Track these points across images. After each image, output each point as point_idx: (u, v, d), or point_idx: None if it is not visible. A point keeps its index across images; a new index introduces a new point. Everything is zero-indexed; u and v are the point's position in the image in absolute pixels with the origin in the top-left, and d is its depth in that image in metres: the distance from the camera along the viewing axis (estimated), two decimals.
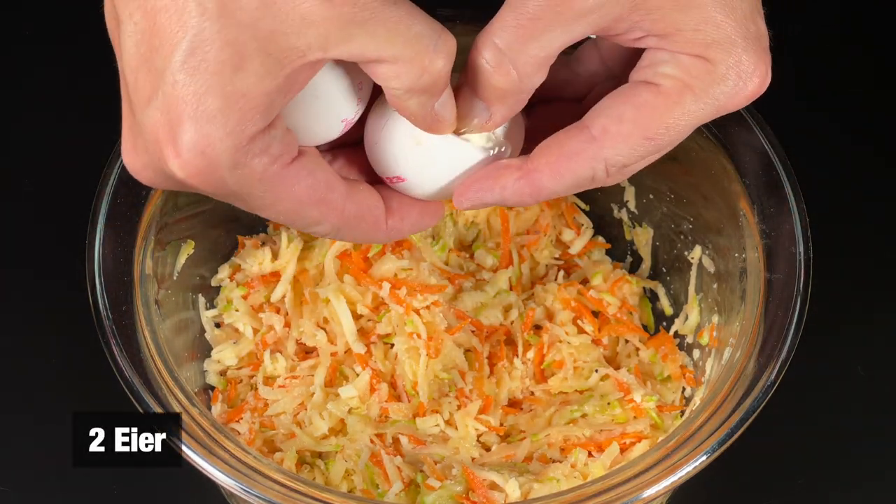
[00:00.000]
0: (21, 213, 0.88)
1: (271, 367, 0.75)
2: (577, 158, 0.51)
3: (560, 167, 0.51)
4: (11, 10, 0.97)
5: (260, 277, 0.78)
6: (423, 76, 0.47)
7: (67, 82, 0.91)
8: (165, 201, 0.69)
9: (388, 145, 0.53)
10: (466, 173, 0.53)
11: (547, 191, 0.51)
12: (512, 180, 0.52)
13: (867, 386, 0.81)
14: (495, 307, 0.77)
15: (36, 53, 0.95)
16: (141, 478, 0.77)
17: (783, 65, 0.95)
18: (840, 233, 0.85)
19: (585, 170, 0.51)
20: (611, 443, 0.71)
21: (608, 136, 0.50)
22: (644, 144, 0.50)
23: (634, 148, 0.50)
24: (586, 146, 0.50)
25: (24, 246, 0.86)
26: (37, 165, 0.90)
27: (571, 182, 0.51)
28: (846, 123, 0.93)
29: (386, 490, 0.69)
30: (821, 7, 0.98)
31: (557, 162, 0.51)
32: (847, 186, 0.89)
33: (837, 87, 0.95)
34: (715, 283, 0.75)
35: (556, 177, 0.51)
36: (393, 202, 0.54)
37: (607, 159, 0.50)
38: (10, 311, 0.84)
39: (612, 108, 0.50)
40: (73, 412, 0.66)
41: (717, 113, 0.51)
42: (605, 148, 0.50)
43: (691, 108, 0.50)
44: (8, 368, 0.81)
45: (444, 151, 0.53)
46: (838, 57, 0.96)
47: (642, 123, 0.50)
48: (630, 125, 0.50)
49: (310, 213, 0.50)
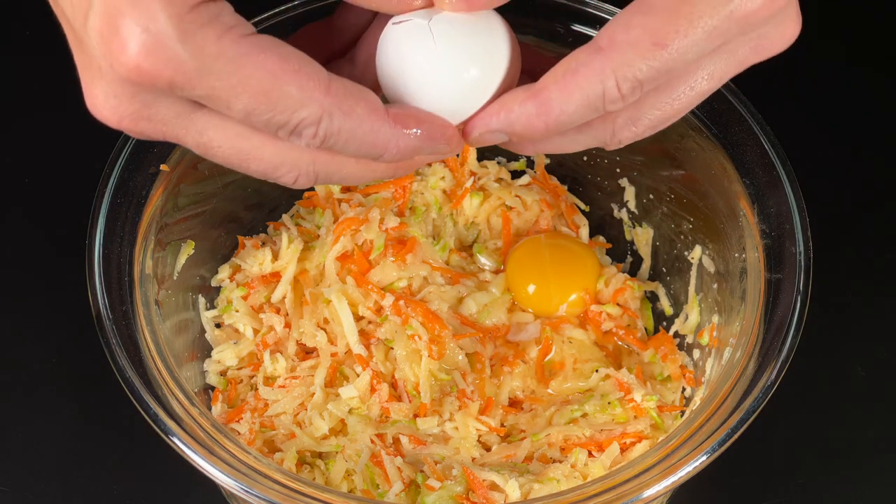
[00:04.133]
0: (21, 212, 0.88)
1: (271, 367, 0.75)
2: (584, 71, 0.47)
3: (567, 82, 0.47)
4: (11, 11, 0.97)
5: (260, 278, 0.78)
6: None
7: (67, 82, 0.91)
8: (165, 201, 0.69)
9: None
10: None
11: (556, 111, 0.48)
12: (517, 103, 0.49)
13: (867, 386, 0.81)
14: (498, 308, 0.77)
15: (36, 53, 0.95)
16: (141, 478, 0.77)
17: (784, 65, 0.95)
18: (840, 233, 0.85)
19: (594, 84, 0.47)
20: (611, 443, 0.71)
21: (615, 45, 0.47)
22: (654, 52, 0.46)
23: (644, 56, 0.46)
24: (593, 57, 0.47)
25: (23, 246, 0.86)
26: (36, 165, 0.90)
27: (580, 99, 0.47)
28: (846, 123, 0.93)
29: (386, 490, 0.69)
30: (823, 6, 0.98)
31: (564, 77, 0.48)
32: (847, 187, 0.89)
33: (838, 86, 0.95)
34: (715, 283, 0.75)
35: (564, 93, 0.48)
36: (393, 108, 0.49)
37: (615, 70, 0.47)
38: (10, 311, 0.84)
39: (620, 17, 0.47)
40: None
41: (737, 29, 0.47)
42: (612, 58, 0.47)
43: (702, 10, 0.46)
44: (8, 368, 0.81)
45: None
46: (840, 56, 0.96)
47: (651, 27, 0.46)
48: (638, 30, 0.46)
49: (289, 90, 0.45)
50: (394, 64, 0.50)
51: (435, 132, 0.49)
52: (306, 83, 0.45)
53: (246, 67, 0.44)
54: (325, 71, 0.46)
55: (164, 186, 0.69)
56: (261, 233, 0.81)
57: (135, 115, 0.46)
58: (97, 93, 0.45)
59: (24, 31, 0.96)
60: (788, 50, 0.51)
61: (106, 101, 0.45)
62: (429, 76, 0.49)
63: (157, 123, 0.46)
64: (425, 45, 0.49)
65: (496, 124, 0.50)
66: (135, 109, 0.45)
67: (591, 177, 0.82)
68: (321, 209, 0.81)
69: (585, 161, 0.82)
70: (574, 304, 0.78)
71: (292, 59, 0.45)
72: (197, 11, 0.43)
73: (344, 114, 0.46)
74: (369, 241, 0.78)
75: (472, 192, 0.82)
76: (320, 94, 0.45)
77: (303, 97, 0.45)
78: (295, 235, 0.79)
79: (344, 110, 0.46)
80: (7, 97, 0.93)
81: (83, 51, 0.45)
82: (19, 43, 0.95)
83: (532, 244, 0.80)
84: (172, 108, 0.46)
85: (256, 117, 0.45)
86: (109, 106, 0.45)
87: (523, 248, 0.80)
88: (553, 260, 0.79)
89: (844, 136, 0.92)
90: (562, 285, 0.78)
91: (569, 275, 0.79)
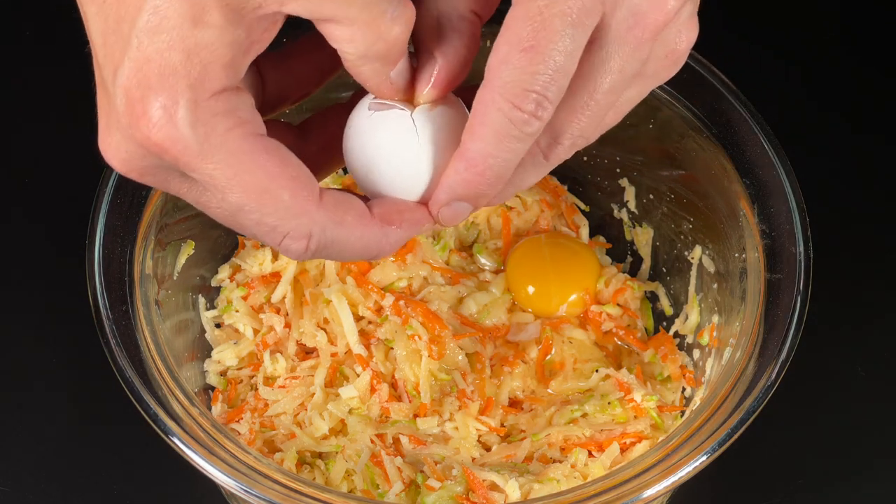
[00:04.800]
0: (21, 212, 0.88)
1: (271, 367, 0.75)
2: (479, 108, 0.47)
3: (473, 127, 0.48)
4: (11, 10, 0.97)
5: (260, 278, 0.78)
6: (377, 42, 0.46)
7: (67, 82, 0.91)
8: (165, 202, 0.69)
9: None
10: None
11: (479, 158, 0.48)
12: (450, 170, 0.49)
13: (867, 386, 0.81)
14: (498, 308, 0.77)
15: (36, 53, 0.95)
16: (141, 478, 0.77)
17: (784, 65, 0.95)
18: (840, 233, 0.85)
19: (494, 115, 0.47)
20: (611, 443, 0.71)
21: (492, 70, 0.47)
22: (527, 57, 0.45)
23: (520, 68, 0.46)
24: (482, 92, 0.47)
25: (23, 246, 0.86)
26: (36, 165, 0.90)
27: (491, 135, 0.47)
28: (846, 123, 0.93)
29: (386, 490, 0.69)
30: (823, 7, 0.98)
31: (471, 125, 0.48)
32: (847, 186, 0.89)
33: (838, 86, 0.95)
34: (715, 283, 0.75)
35: (475, 137, 0.47)
36: (374, 207, 0.50)
37: (503, 93, 0.46)
38: (10, 311, 0.84)
39: (494, 46, 0.47)
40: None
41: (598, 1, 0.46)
42: (495, 84, 0.46)
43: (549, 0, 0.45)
44: (8, 368, 0.81)
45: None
46: (840, 56, 0.96)
47: (513, 40, 0.46)
48: (504, 48, 0.46)
49: (282, 195, 0.46)
50: (369, 150, 0.51)
51: (417, 221, 0.51)
52: (300, 192, 0.46)
53: (244, 164, 0.45)
54: (317, 183, 0.47)
55: None
56: None
57: (142, 170, 0.47)
58: (111, 141, 0.47)
59: (24, 31, 0.95)
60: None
61: (118, 151, 0.47)
62: (409, 167, 0.50)
63: (161, 181, 0.48)
64: (408, 137, 0.50)
65: (444, 197, 0.50)
66: (143, 166, 0.47)
67: (591, 177, 0.82)
68: None
69: (585, 161, 0.82)
70: (574, 305, 0.78)
71: (291, 166, 0.46)
72: (216, 99, 0.45)
73: (335, 224, 0.48)
74: None
75: None
76: (312, 206, 0.47)
77: (294, 206, 0.46)
78: None
79: (335, 221, 0.48)
80: (7, 97, 0.93)
81: (107, 97, 0.47)
82: (19, 43, 0.95)
83: (532, 244, 0.80)
84: (177, 172, 0.47)
85: (246, 215, 0.46)
86: (120, 157, 0.47)
87: (523, 248, 0.80)
88: (553, 260, 0.79)
89: (844, 136, 0.92)
90: (562, 285, 0.78)
91: (569, 275, 0.79)
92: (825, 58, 0.96)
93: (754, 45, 0.96)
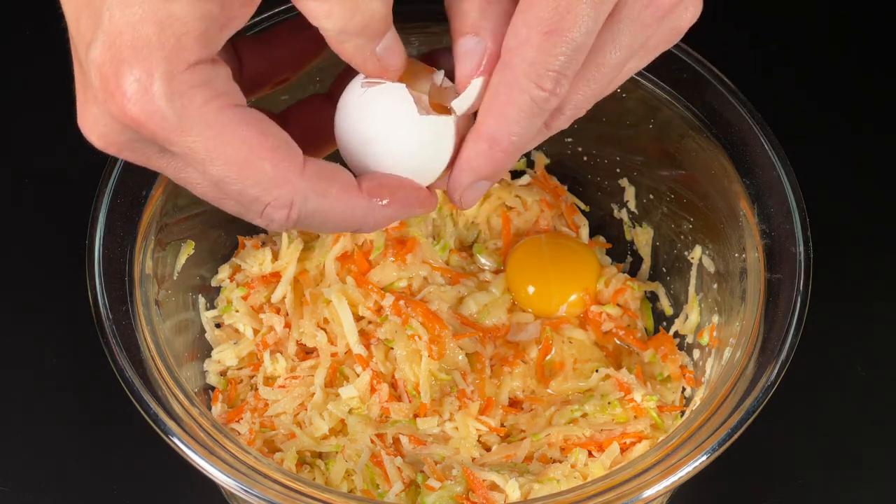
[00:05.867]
0: (21, 212, 0.88)
1: (271, 367, 0.75)
2: (504, 91, 0.48)
3: (496, 108, 0.48)
4: (11, 10, 0.97)
5: (260, 278, 0.78)
6: (355, 16, 0.45)
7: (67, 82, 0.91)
8: (165, 202, 0.69)
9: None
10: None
11: (504, 137, 0.48)
12: (473, 152, 0.49)
13: (867, 386, 0.81)
14: (498, 308, 0.77)
15: (36, 53, 0.95)
16: (141, 478, 0.77)
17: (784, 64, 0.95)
18: (840, 233, 0.85)
19: (518, 96, 0.47)
20: (611, 443, 0.71)
21: (513, 52, 0.47)
22: (548, 41, 0.46)
23: (542, 50, 0.46)
24: (503, 74, 0.48)
25: (23, 246, 0.86)
26: (36, 165, 0.90)
27: (518, 115, 0.48)
28: (846, 123, 0.93)
29: (386, 490, 0.69)
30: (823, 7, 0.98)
31: (490, 105, 0.48)
32: (847, 186, 0.89)
33: (838, 86, 0.95)
34: (715, 283, 0.75)
35: (500, 119, 0.48)
36: (364, 181, 0.49)
37: (526, 74, 0.47)
38: (10, 311, 0.84)
39: (510, 28, 0.47)
40: None
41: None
42: (516, 67, 0.47)
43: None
44: (8, 368, 0.81)
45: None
46: (840, 56, 0.96)
47: (532, 21, 0.46)
48: (524, 30, 0.47)
49: (263, 165, 0.45)
50: (361, 127, 0.50)
51: (409, 199, 0.50)
52: (281, 162, 0.46)
53: (223, 136, 0.45)
54: (300, 152, 0.46)
55: (164, 186, 0.69)
56: (261, 233, 0.81)
57: (121, 145, 0.47)
58: (89, 115, 0.47)
59: (24, 31, 0.95)
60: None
61: (96, 125, 0.46)
62: (405, 141, 0.49)
63: (141, 155, 0.47)
64: (403, 110, 0.49)
65: (468, 178, 0.50)
66: (121, 141, 0.46)
67: (591, 177, 0.82)
68: None
69: (585, 161, 0.82)
70: (574, 305, 0.78)
71: (272, 136, 0.46)
72: (192, 71, 0.44)
73: (318, 195, 0.47)
74: (369, 241, 0.78)
75: None
76: (294, 176, 0.46)
77: (276, 176, 0.46)
78: (295, 235, 0.79)
79: (318, 192, 0.47)
80: (7, 97, 0.93)
81: (82, 72, 0.46)
82: (19, 43, 0.95)
83: (532, 244, 0.80)
84: (156, 146, 0.46)
85: (228, 186, 0.46)
86: (98, 132, 0.47)
87: (523, 248, 0.80)
88: (553, 260, 0.79)
89: (845, 136, 0.92)
90: (562, 285, 0.78)
91: (569, 275, 0.79)
92: (825, 57, 0.96)
93: (754, 45, 0.96)
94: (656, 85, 0.72)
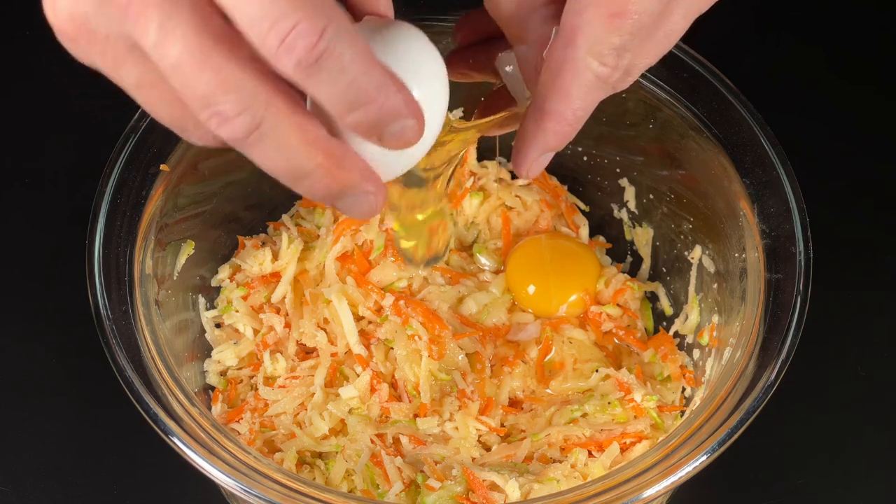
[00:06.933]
0: (21, 212, 0.88)
1: (271, 367, 0.75)
2: (567, 68, 0.48)
3: (560, 87, 0.49)
4: (11, 10, 0.97)
5: (260, 278, 0.78)
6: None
7: (67, 82, 0.91)
8: (165, 201, 0.69)
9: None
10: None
11: (570, 113, 0.50)
12: (538, 130, 0.51)
13: (867, 386, 0.81)
14: (498, 308, 0.77)
15: (35, 53, 0.95)
16: (141, 478, 0.77)
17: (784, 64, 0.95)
18: (840, 233, 0.85)
19: (583, 74, 0.48)
20: (611, 443, 0.71)
21: (577, 31, 0.48)
22: (613, 24, 0.47)
23: (607, 31, 0.47)
24: (566, 52, 0.48)
25: (23, 246, 0.86)
26: (36, 165, 0.90)
27: (582, 91, 0.49)
28: (846, 123, 0.93)
29: (386, 490, 0.69)
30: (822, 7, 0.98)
31: (553, 83, 0.49)
32: (847, 186, 0.89)
33: (838, 86, 0.95)
34: (715, 283, 0.75)
35: (566, 98, 0.49)
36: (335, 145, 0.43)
37: (592, 53, 0.48)
38: (10, 311, 0.84)
39: (570, 3, 0.48)
40: None
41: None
42: (580, 46, 0.48)
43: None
44: (8, 368, 0.81)
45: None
46: (839, 56, 0.96)
47: (598, 1, 0.47)
48: (590, 10, 0.47)
49: (214, 58, 0.40)
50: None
51: (357, 186, 0.45)
52: (232, 55, 0.40)
53: (178, 16, 0.40)
54: (256, 56, 0.41)
55: (164, 186, 0.69)
56: (261, 233, 0.81)
57: (90, 34, 0.42)
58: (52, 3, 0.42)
59: (25, 31, 0.95)
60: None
61: (65, 3, 0.42)
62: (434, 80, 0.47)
63: (110, 55, 0.42)
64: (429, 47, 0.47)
65: (535, 153, 0.52)
66: (91, 28, 0.42)
67: (591, 177, 0.82)
68: (321, 209, 0.81)
69: (585, 161, 0.82)
70: (574, 305, 0.78)
71: (219, 25, 0.40)
72: None
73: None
74: (369, 241, 0.78)
75: (472, 193, 0.82)
76: (251, 75, 0.40)
77: (229, 72, 0.40)
78: (295, 235, 0.79)
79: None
80: (7, 96, 0.93)
81: None
82: (19, 43, 0.95)
83: (532, 244, 0.80)
84: (127, 40, 0.42)
85: (196, 71, 0.40)
86: (67, 11, 0.42)
87: (523, 248, 0.80)
88: (553, 260, 0.79)
89: (844, 136, 0.92)
90: (562, 285, 0.78)
91: (569, 275, 0.79)
92: (825, 57, 0.96)
93: (754, 46, 0.96)
94: (656, 85, 0.72)
